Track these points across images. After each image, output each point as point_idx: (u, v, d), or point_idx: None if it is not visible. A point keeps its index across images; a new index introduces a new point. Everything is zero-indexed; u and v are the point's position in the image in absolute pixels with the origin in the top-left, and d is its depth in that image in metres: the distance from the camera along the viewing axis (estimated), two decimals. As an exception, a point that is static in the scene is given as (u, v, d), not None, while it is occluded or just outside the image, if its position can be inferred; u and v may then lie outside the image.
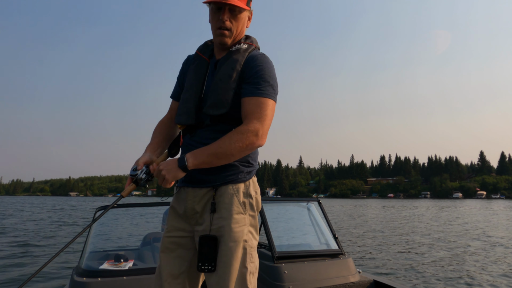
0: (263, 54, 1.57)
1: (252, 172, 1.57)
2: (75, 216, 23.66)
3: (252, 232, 1.51)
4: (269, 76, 1.51)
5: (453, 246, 10.50)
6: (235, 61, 1.53)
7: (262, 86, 1.48)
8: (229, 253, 1.43)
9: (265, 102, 1.47)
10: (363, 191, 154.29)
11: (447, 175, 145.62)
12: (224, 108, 1.49)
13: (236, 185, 1.50)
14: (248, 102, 1.47)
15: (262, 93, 1.47)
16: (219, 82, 1.52)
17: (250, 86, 1.49)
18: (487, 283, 6.16)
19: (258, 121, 1.43)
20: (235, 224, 1.45)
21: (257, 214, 1.55)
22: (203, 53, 1.66)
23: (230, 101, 1.49)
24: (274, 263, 2.93)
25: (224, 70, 1.53)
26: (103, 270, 2.64)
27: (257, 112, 1.45)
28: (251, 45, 1.61)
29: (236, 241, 1.44)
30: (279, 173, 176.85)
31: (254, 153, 1.59)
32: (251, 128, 1.41)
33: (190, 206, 1.53)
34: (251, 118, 1.44)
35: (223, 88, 1.50)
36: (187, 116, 1.55)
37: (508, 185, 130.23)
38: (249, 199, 1.52)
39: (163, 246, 1.56)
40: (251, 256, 1.48)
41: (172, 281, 1.52)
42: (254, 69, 1.51)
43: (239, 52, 1.56)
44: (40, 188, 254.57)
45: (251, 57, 1.55)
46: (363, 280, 3.11)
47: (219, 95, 1.50)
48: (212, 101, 1.50)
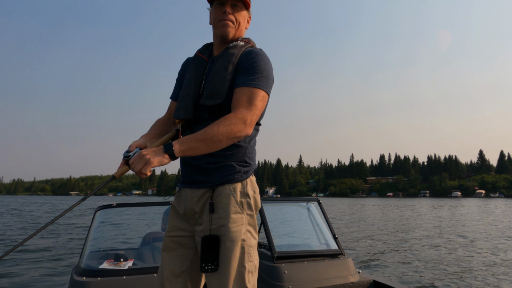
0: (260, 49, 1.60)
1: (250, 171, 1.57)
2: (75, 216, 23.65)
3: (250, 231, 1.51)
4: (263, 68, 1.52)
5: (452, 245, 10.51)
6: (231, 54, 1.56)
7: (254, 76, 1.49)
8: (228, 252, 1.43)
9: (255, 92, 1.48)
10: (362, 190, 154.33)
11: (447, 174, 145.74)
12: (219, 98, 1.50)
13: (233, 184, 1.51)
14: (239, 91, 1.48)
15: (254, 84, 1.48)
16: (215, 74, 1.54)
17: (243, 77, 1.50)
18: (488, 282, 6.17)
19: (246, 110, 1.44)
20: (232, 224, 1.45)
21: (255, 213, 1.55)
22: (202, 53, 1.69)
23: (225, 91, 1.51)
24: (273, 263, 2.93)
25: (221, 63, 1.56)
26: (103, 269, 2.63)
27: (247, 101, 1.45)
28: (248, 43, 1.64)
29: (234, 241, 1.44)
30: (279, 172, 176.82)
31: (252, 153, 1.59)
32: (239, 116, 1.41)
33: (189, 207, 1.54)
34: (240, 106, 1.44)
35: (218, 79, 1.52)
36: (185, 110, 1.56)
37: (507, 184, 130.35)
38: (246, 198, 1.52)
39: (165, 245, 1.57)
40: (250, 255, 1.48)
41: (173, 279, 1.53)
42: (248, 61, 1.53)
43: (236, 48, 1.59)
44: (41, 187, 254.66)
45: (247, 51, 1.58)
46: (362, 280, 3.11)
47: (215, 85, 1.52)
48: (208, 92, 1.53)
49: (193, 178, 1.54)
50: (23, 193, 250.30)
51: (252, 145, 1.60)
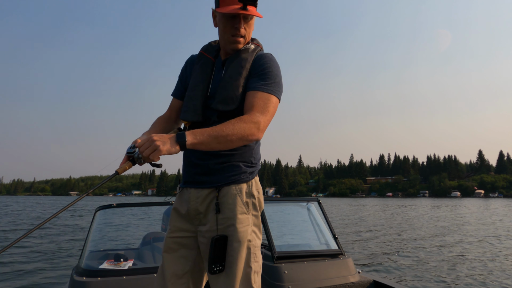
0: (270, 54, 1.60)
1: (255, 172, 1.58)
2: (75, 216, 23.63)
3: (255, 231, 1.51)
4: (275, 74, 1.53)
5: (452, 245, 10.51)
6: (244, 59, 1.56)
7: (268, 82, 1.50)
8: (234, 253, 1.43)
9: (269, 98, 1.48)
10: (362, 190, 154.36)
11: (446, 174, 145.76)
12: (233, 104, 1.50)
13: (239, 185, 1.51)
14: (254, 95, 1.48)
15: (268, 89, 1.49)
16: (229, 79, 1.54)
17: (256, 81, 1.51)
18: (487, 282, 6.17)
19: (261, 115, 1.44)
20: (239, 224, 1.45)
21: (260, 214, 1.56)
22: (208, 52, 1.67)
23: (239, 97, 1.51)
24: (274, 263, 2.93)
25: (234, 68, 1.55)
26: (103, 269, 2.63)
27: (261, 106, 1.45)
28: (258, 46, 1.64)
29: (241, 241, 1.44)
30: (279, 172, 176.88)
31: (257, 153, 1.60)
32: (254, 119, 1.41)
33: (193, 207, 1.53)
34: (255, 111, 1.44)
35: (233, 85, 1.52)
36: (193, 113, 1.55)
37: (506, 183, 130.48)
38: (252, 199, 1.52)
39: (166, 247, 1.56)
40: (255, 255, 1.48)
41: (176, 281, 1.52)
42: (262, 66, 1.53)
43: (248, 52, 1.58)
44: (41, 187, 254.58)
45: (259, 56, 1.58)
46: (363, 280, 3.11)
47: (229, 91, 1.51)
48: (222, 97, 1.52)
49: (197, 178, 1.53)
50: (23, 193, 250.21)
51: (257, 146, 1.61)
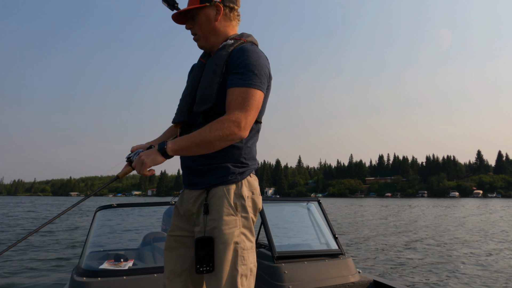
0: (250, 45, 1.51)
1: (246, 172, 1.53)
2: (75, 216, 23.61)
3: (245, 233, 1.46)
4: (253, 65, 1.44)
5: (452, 245, 10.52)
6: (219, 56, 1.52)
7: (245, 75, 1.43)
8: (220, 255, 1.41)
9: (248, 92, 1.42)
10: (361, 190, 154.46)
11: (445, 174, 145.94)
12: (208, 103, 1.47)
13: (227, 186, 1.48)
14: (231, 93, 1.43)
15: (245, 83, 1.42)
16: (204, 79, 1.53)
17: (233, 77, 1.45)
18: (487, 282, 6.18)
19: (240, 112, 1.39)
20: (225, 226, 1.43)
21: (253, 215, 1.51)
22: (202, 57, 1.69)
23: (214, 95, 1.47)
24: (274, 263, 2.93)
25: (209, 67, 1.54)
26: (103, 269, 2.63)
27: (240, 103, 1.40)
28: (239, 40, 1.56)
29: (226, 243, 1.42)
30: (278, 173, 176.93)
31: (249, 153, 1.54)
32: (232, 118, 1.38)
33: (187, 208, 1.55)
34: (233, 108, 1.40)
35: (206, 84, 1.50)
36: (180, 114, 1.57)
37: (504, 184, 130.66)
38: (241, 200, 1.48)
39: (167, 245, 1.58)
40: (243, 258, 1.44)
41: (174, 278, 1.53)
42: (238, 60, 1.46)
43: (224, 48, 1.53)
44: (41, 188, 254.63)
45: (236, 50, 1.50)
46: (363, 280, 3.11)
47: (203, 91, 1.51)
48: (198, 97, 1.52)
49: (190, 179, 1.55)
50: (24, 194, 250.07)
51: (249, 145, 1.55)
